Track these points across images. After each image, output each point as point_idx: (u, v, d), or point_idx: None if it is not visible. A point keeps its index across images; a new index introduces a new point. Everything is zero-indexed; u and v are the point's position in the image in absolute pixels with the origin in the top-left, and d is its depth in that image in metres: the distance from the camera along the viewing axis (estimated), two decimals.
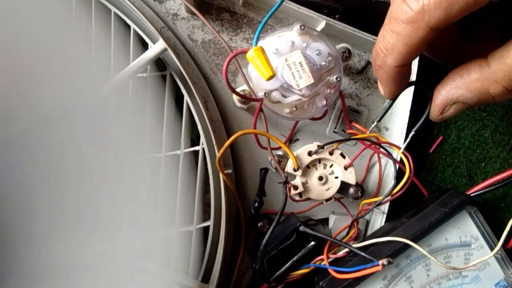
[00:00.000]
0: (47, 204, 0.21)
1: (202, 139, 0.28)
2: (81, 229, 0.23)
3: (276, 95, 0.27)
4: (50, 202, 0.21)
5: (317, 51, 0.27)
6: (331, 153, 0.29)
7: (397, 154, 0.30)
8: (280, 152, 0.30)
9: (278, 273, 0.28)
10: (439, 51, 0.22)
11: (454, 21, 0.16)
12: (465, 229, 0.29)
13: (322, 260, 0.28)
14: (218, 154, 0.25)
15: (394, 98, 0.23)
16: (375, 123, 0.28)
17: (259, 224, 0.30)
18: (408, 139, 0.27)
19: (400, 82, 0.19)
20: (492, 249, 0.29)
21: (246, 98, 0.27)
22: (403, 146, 0.28)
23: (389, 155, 0.29)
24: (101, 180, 0.24)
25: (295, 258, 0.28)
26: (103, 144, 0.24)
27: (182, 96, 0.28)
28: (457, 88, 0.19)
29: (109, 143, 0.24)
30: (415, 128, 0.26)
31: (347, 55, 0.29)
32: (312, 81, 0.26)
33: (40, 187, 0.21)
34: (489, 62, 0.18)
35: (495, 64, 0.17)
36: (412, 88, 0.30)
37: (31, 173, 0.21)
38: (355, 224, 0.31)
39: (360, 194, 0.29)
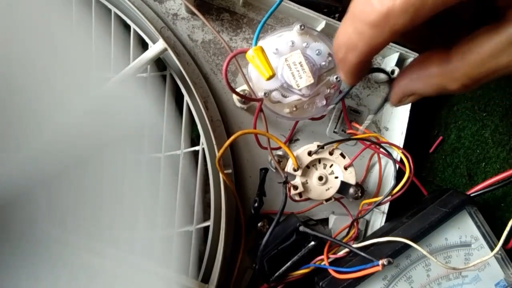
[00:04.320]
0: (47, 203, 0.21)
1: (202, 139, 0.28)
2: (82, 230, 0.23)
3: (276, 95, 0.27)
4: (50, 201, 0.21)
5: (317, 51, 0.27)
6: (331, 153, 0.29)
7: (397, 154, 0.30)
8: (280, 152, 0.30)
9: (278, 273, 0.28)
10: (407, 39, 0.21)
11: (421, 22, 0.15)
12: (465, 229, 0.29)
13: (322, 260, 0.28)
14: (218, 154, 0.25)
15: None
16: (369, 118, 0.28)
17: (259, 224, 0.30)
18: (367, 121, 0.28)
19: (362, 73, 0.18)
20: (492, 249, 0.29)
21: (246, 98, 0.27)
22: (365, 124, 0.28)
23: (389, 155, 0.29)
24: (101, 180, 0.24)
25: (295, 258, 0.28)
26: (103, 144, 0.24)
27: (182, 96, 0.28)
28: (415, 81, 0.18)
29: (109, 143, 0.24)
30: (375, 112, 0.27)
31: None
32: (312, 81, 0.26)
33: (40, 186, 0.21)
34: (451, 57, 0.17)
35: (456, 60, 0.17)
36: None
37: (32, 176, 0.21)
38: (355, 224, 0.30)
39: (360, 194, 0.29)
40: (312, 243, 0.28)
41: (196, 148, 0.28)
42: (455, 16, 0.18)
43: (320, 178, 0.29)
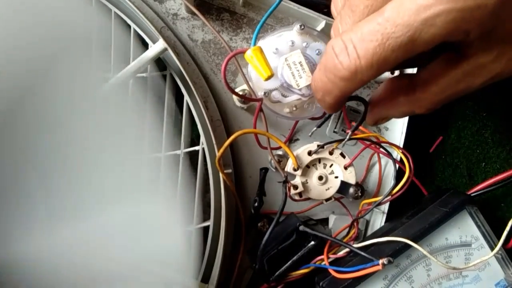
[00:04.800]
0: (44, 198, 0.21)
1: (202, 139, 0.28)
2: (81, 229, 0.23)
3: (276, 94, 0.27)
4: (47, 195, 0.21)
5: (317, 51, 0.27)
6: (331, 153, 0.29)
7: (397, 154, 0.30)
8: (280, 152, 0.30)
9: (278, 272, 0.28)
10: None
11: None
12: (465, 229, 0.29)
13: (322, 260, 0.28)
14: (218, 154, 0.25)
15: None
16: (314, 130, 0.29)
17: (259, 224, 0.30)
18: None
19: (340, 106, 0.20)
20: (492, 249, 0.29)
21: (245, 98, 0.27)
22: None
23: (389, 155, 0.29)
24: (101, 181, 0.24)
25: (295, 258, 0.28)
26: (103, 143, 0.24)
27: (182, 96, 0.28)
28: (387, 109, 0.21)
29: (109, 143, 0.24)
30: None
31: None
32: None
33: (37, 182, 0.20)
34: (415, 88, 0.19)
35: (419, 91, 0.19)
36: None
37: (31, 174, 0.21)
38: (355, 224, 0.30)
39: (360, 194, 0.29)
40: (312, 242, 0.28)
41: (196, 148, 0.28)
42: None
43: (320, 178, 0.29)
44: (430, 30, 0.15)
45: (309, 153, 0.28)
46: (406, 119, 0.31)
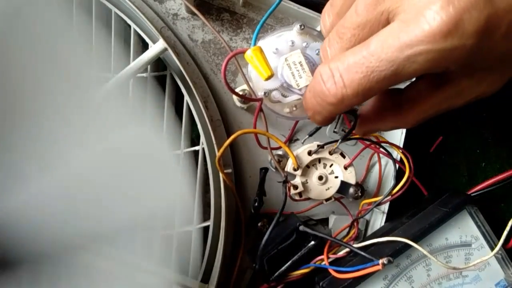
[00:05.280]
0: None
1: (202, 139, 0.28)
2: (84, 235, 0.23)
3: (276, 94, 0.27)
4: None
5: (317, 51, 0.27)
6: (331, 153, 0.29)
7: (397, 154, 0.30)
8: (280, 152, 0.30)
9: (278, 272, 0.28)
10: None
11: None
12: (465, 229, 0.29)
13: (322, 260, 0.28)
14: (218, 154, 0.25)
15: None
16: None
17: (259, 224, 0.30)
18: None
19: (331, 122, 0.22)
20: (492, 249, 0.29)
21: (245, 98, 0.27)
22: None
23: (389, 155, 0.29)
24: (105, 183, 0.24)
25: (295, 257, 0.28)
26: (102, 143, 0.24)
27: (182, 96, 0.28)
28: (375, 124, 0.22)
29: (109, 143, 0.24)
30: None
31: None
32: None
33: None
34: (401, 106, 0.20)
35: (405, 110, 0.20)
36: None
37: None
38: (355, 224, 0.30)
39: (360, 194, 0.29)
40: (312, 242, 0.28)
41: (196, 148, 0.28)
42: None
43: (320, 178, 0.29)
44: (412, 66, 0.16)
45: (309, 153, 0.28)
46: None
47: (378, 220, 0.32)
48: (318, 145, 0.28)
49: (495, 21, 0.15)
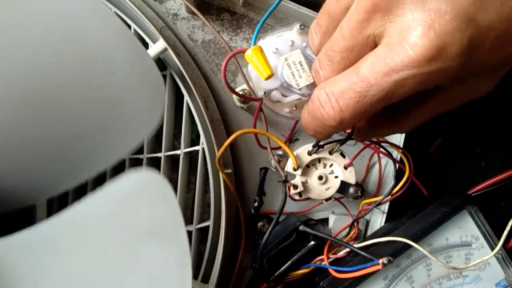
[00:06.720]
0: None
1: (202, 139, 0.28)
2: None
3: (276, 94, 0.27)
4: None
5: None
6: (331, 153, 0.29)
7: (397, 154, 0.30)
8: (280, 152, 0.30)
9: (278, 272, 0.28)
10: None
11: None
12: (465, 229, 0.29)
13: (322, 260, 0.28)
14: (218, 154, 0.25)
15: None
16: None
17: (259, 224, 0.30)
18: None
19: (330, 136, 0.22)
20: (492, 248, 0.29)
21: (245, 98, 0.27)
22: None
23: (389, 154, 0.29)
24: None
25: (295, 258, 0.28)
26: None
27: (182, 96, 0.28)
28: (371, 131, 0.23)
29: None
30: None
31: None
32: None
33: None
34: (396, 113, 0.21)
35: (400, 121, 0.21)
36: None
37: None
38: (355, 224, 0.30)
39: (360, 194, 0.29)
40: (312, 242, 0.28)
41: (196, 148, 0.28)
42: None
43: (320, 178, 0.29)
44: (402, 89, 0.16)
45: (309, 153, 0.28)
46: None
47: (378, 220, 0.31)
48: (318, 145, 0.28)
49: (479, 40, 0.15)
